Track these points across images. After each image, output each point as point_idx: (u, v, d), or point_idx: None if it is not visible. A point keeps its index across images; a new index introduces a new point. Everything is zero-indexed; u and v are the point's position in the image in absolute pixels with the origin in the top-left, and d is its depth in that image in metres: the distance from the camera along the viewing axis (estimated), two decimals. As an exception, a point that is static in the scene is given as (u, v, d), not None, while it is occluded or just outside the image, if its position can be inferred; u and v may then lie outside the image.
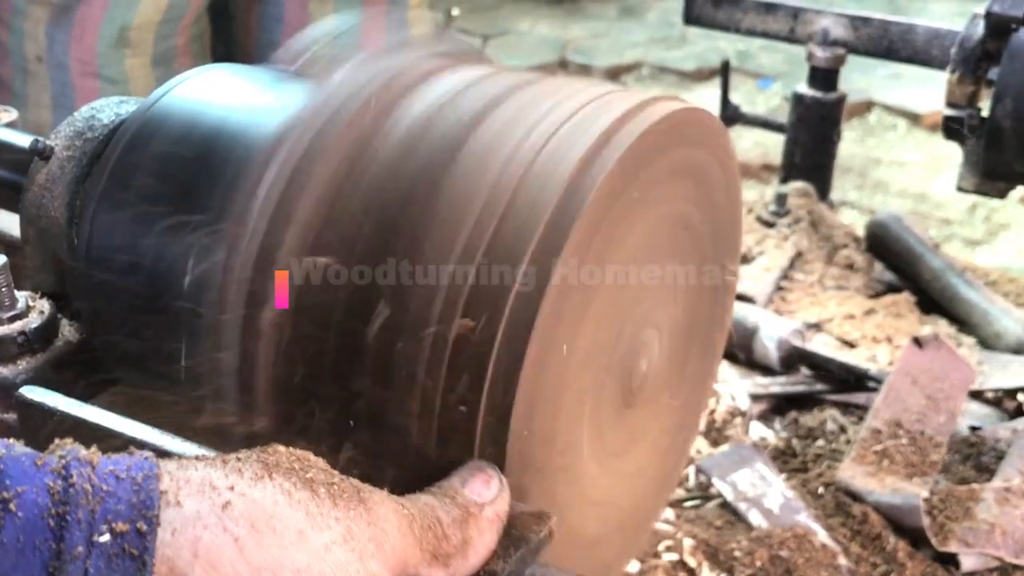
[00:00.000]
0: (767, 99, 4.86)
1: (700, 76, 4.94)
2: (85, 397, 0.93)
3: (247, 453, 0.57)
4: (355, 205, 0.70)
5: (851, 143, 4.58)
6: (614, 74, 5.01)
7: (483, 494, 0.62)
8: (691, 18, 1.87)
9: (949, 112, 1.53)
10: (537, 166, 0.68)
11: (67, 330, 0.92)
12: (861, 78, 4.79)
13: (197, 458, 0.56)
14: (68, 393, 0.90)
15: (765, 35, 1.82)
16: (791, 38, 1.82)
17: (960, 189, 1.55)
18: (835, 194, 4.20)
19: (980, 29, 1.48)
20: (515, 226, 0.67)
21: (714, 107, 1.96)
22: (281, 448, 0.58)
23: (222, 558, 0.50)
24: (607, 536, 0.86)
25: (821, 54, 1.79)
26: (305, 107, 0.75)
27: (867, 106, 4.71)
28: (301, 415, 0.71)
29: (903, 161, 4.45)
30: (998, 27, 1.44)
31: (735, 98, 4.90)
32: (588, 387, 0.75)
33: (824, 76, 1.82)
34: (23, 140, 0.94)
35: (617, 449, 0.84)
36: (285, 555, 0.51)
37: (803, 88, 1.85)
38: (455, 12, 5.50)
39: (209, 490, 0.52)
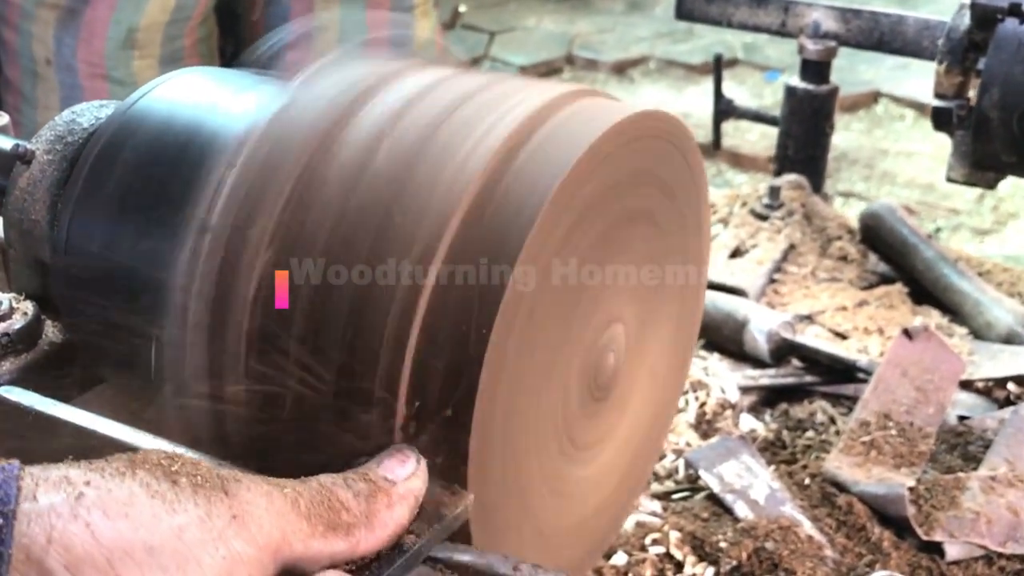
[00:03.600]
0: (775, 91, 4.85)
1: (707, 69, 4.93)
2: (69, 397, 0.95)
3: (117, 455, 0.60)
4: (317, 209, 0.71)
5: (858, 134, 4.58)
6: (621, 68, 5.01)
7: (396, 472, 0.65)
8: (683, 13, 1.88)
9: (938, 103, 1.54)
10: (492, 168, 0.70)
11: (51, 331, 0.94)
12: (868, 69, 4.79)
13: (66, 461, 0.58)
14: (53, 393, 0.92)
15: (756, 29, 1.83)
16: (782, 31, 1.82)
17: (950, 180, 1.56)
18: (842, 185, 4.22)
19: (967, 20, 1.49)
20: (473, 228, 0.68)
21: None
22: (154, 451, 0.61)
23: (75, 541, 0.52)
24: (578, 528, 0.87)
25: (812, 47, 1.80)
26: (270, 112, 0.76)
27: (874, 97, 4.70)
28: (267, 414, 0.72)
29: (910, 152, 4.44)
30: (984, 18, 1.45)
31: (743, 91, 4.89)
32: (552, 382, 0.76)
33: (816, 69, 1.82)
34: (5, 144, 0.96)
35: (587, 443, 0.85)
36: (137, 535, 0.54)
37: (795, 81, 1.86)
38: (462, 8, 5.52)
39: (65, 484, 0.55)
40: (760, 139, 4.30)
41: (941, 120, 1.54)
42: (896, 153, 4.43)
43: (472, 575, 0.65)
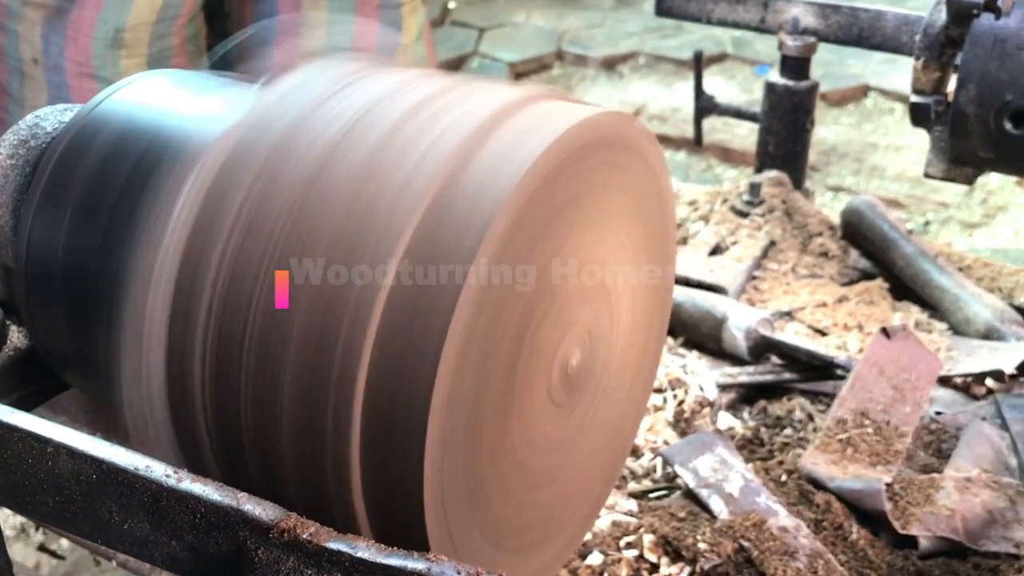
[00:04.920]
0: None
1: (696, 64, 4.93)
2: (35, 403, 0.95)
3: None
4: (276, 209, 0.71)
5: (848, 128, 4.57)
6: (610, 64, 5.00)
7: None
8: (663, 10, 1.87)
9: (915, 99, 1.53)
10: (450, 169, 0.69)
11: (16, 337, 0.93)
12: (857, 63, 4.78)
13: None
14: (19, 398, 0.92)
15: (736, 25, 1.83)
16: (762, 28, 1.82)
17: (927, 175, 1.55)
18: (832, 179, 4.22)
19: (943, 15, 1.48)
20: (431, 228, 0.68)
21: (714, 93, 1.96)
22: None
23: None
24: (545, 528, 0.87)
25: (792, 43, 1.79)
26: (230, 116, 0.76)
27: (863, 91, 4.69)
28: (230, 418, 0.72)
29: (900, 145, 4.44)
30: (960, 13, 1.44)
31: (733, 85, 4.88)
32: (513, 381, 0.76)
33: (795, 65, 1.82)
34: (-30, 149, 0.96)
35: (553, 443, 0.84)
36: None
37: (774, 77, 1.85)
38: (451, 5, 5.51)
39: None
40: (750, 134, 4.27)
41: (919, 116, 1.54)
42: (885, 147, 4.42)
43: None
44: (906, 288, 1.70)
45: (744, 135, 4.30)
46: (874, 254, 1.76)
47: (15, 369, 0.91)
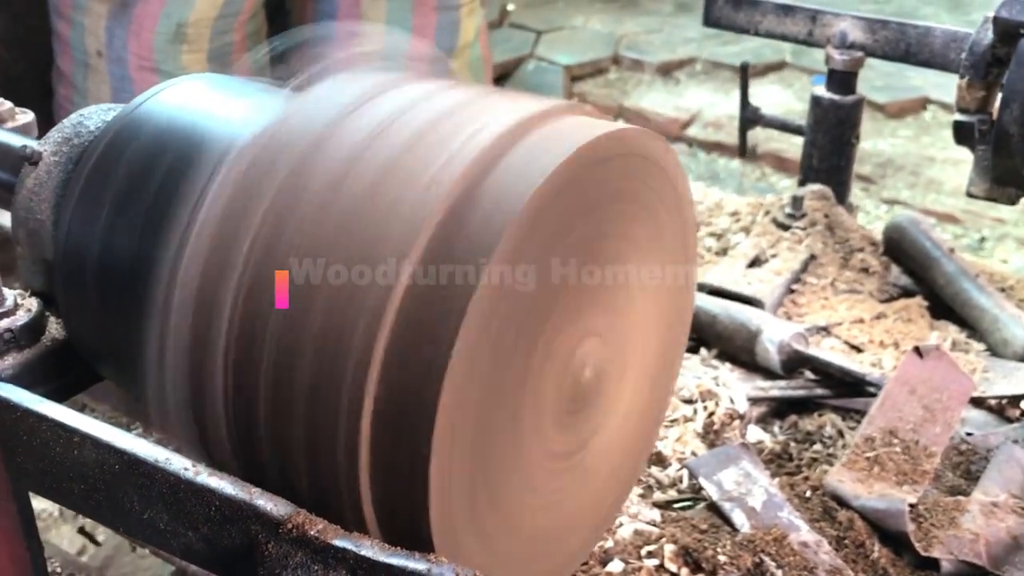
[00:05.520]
0: (822, 95, 4.80)
1: (754, 72, 4.90)
2: (70, 393, 0.98)
3: None
4: (301, 211, 0.73)
5: (905, 141, 4.52)
6: (667, 69, 4.99)
7: None
8: (711, 20, 1.87)
9: (959, 117, 1.52)
10: (468, 176, 0.71)
11: (54, 328, 0.97)
12: (917, 75, 4.72)
13: None
14: (55, 388, 0.95)
15: (784, 38, 1.82)
16: (809, 41, 1.81)
17: (970, 195, 1.54)
18: (887, 192, 4.17)
19: (990, 34, 1.47)
20: (446, 232, 0.70)
21: (770, 102, 1.96)
22: None
23: None
24: (561, 532, 0.88)
25: (839, 57, 1.79)
26: (261, 120, 0.78)
27: (923, 103, 4.63)
28: (248, 416, 0.75)
29: (957, 159, 4.37)
30: (1006, 32, 1.43)
31: (790, 94, 4.85)
32: (525, 387, 0.77)
33: (842, 79, 1.81)
34: (15, 143, 0.99)
35: (567, 449, 0.86)
36: None
37: (820, 91, 1.85)
38: (510, 7, 5.53)
39: None
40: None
41: (963, 134, 1.53)
42: (943, 161, 4.37)
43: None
44: (946, 307, 1.69)
45: (800, 143, 4.27)
46: (915, 271, 1.75)
47: (52, 360, 0.94)
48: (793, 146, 4.30)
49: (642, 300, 0.89)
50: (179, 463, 0.73)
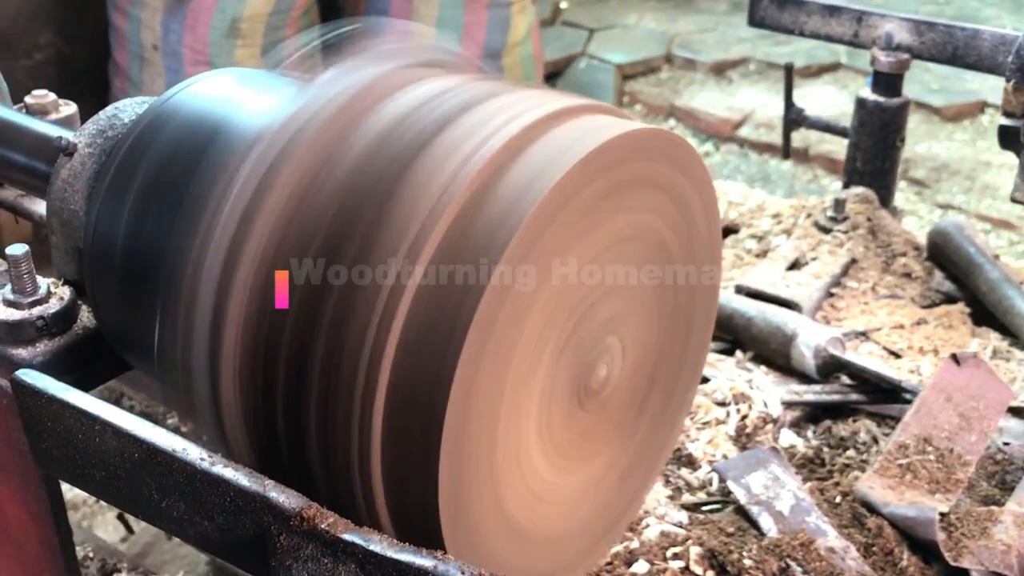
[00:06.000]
0: (876, 97, 4.73)
1: (808, 73, 4.85)
2: (99, 381, 0.99)
3: None
4: (317, 206, 0.74)
5: (961, 145, 4.45)
6: (720, 69, 4.96)
7: None
8: (756, 20, 1.86)
9: (1005, 121, 1.50)
10: (485, 175, 0.71)
11: (85, 316, 0.98)
12: (975, 78, 4.64)
13: None
14: (84, 376, 0.97)
15: (829, 38, 1.80)
16: (855, 42, 1.79)
17: (1014, 200, 1.52)
18: (941, 197, 4.11)
19: (1037, 38, 1.45)
20: (459, 229, 0.70)
21: (824, 103, 1.95)
22: None
23: None
24: (568, 535, 0.88)
25: (884, 59, 1.76)
26: (283, 112, 0.79)
27: (980, 107, 4.56)
28: (262, 404, 0.75)
29: (1015, 164, 4.29)
30: (1054, 36, 1.40)
31: (844, 96, 4.79)
32: (535, 380, 0.77)
33: (887, 81, 1.78)
34: (52, 134, 1.01)
35: (574, 452, 0.86)
36: None
37: (866, 93, 1.83)
38: (563, 5, 5.52)
39: None
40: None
41: (1007, 139, 1.50)
42: (1000, 165, 4.29)
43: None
44: (988, 314, 1.66)
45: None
46: (959, 277, 1.73)
47: (83, 347, 0.96)
48: (834, 151, 4.26)
49: (660, 300, 0.88)
50: (195, 453, 0.74)
